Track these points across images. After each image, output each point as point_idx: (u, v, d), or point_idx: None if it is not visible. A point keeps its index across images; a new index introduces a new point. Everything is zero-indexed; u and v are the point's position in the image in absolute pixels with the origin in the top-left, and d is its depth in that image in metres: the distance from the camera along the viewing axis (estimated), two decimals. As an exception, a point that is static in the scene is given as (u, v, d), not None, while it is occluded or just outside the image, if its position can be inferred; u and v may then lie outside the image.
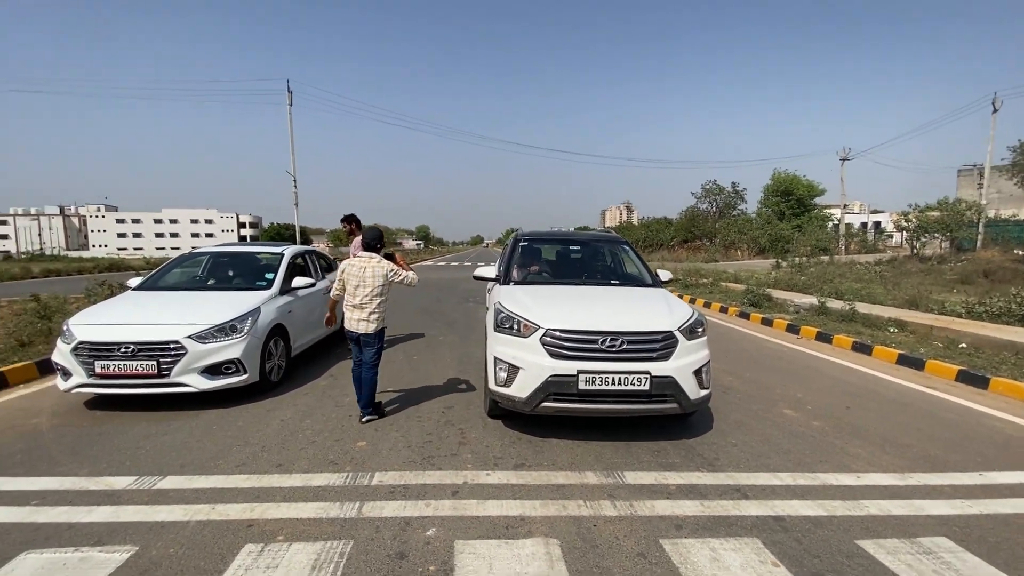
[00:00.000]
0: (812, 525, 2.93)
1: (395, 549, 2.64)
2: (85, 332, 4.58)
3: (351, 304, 4.39)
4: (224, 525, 2.85)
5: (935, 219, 27.72)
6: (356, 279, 4.36)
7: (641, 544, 2.71)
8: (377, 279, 4.35)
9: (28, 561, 2.54)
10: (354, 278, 4.37)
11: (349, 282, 4.39)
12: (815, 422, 4.62)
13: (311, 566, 2.49)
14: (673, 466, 3.66)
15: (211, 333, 4.72)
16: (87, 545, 2.67)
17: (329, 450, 3.88)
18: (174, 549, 2.63)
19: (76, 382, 4.53)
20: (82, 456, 3.76)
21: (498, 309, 4.28)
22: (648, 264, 5.47)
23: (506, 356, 3.99)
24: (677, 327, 3.95)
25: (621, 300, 4.51)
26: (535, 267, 5.48)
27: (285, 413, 4.69)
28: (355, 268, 4.39)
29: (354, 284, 4.37)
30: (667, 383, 3.78)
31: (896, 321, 8.81)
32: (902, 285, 13.82)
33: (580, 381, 3.72)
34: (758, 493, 3.29)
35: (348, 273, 4.40)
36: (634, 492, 3.26)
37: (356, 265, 4.40)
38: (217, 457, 3.74)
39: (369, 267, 4.37)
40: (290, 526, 2.84)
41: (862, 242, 39.29)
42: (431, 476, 3.46)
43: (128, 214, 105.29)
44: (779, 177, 45.16)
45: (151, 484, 3.32)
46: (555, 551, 2.63)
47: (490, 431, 4.27)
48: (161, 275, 6.08)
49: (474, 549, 2.63)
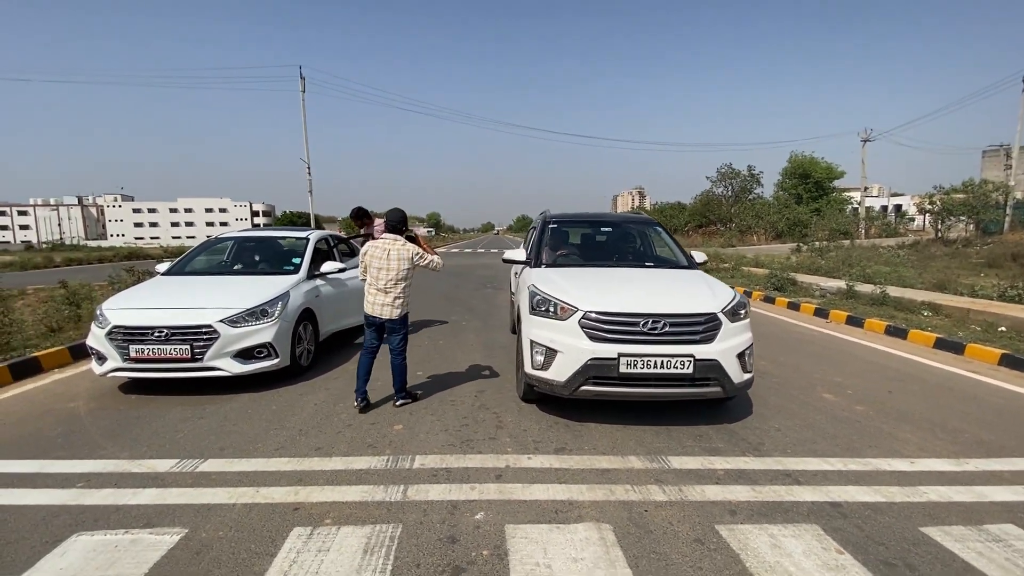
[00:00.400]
0: (871, 511, 2.83)
1: (445, 533, 2.59)
2: (119, 316, 4.58)
3: (375, 288, 4.24)
4: (270, 508, 2.83)
5: (960, 201, 26.97)
6: (379, 262, 4.20)
7: (696, 530, 2.64)
8: (402, 263, 4.19)
9: (79, 543, 2.53)
10: (377, 260, 4.21)
11: (372, 265, 4.22)
12: (858, 407, 4.49)
13: (363, 550, 2.45)
14: (718, 451, 3.57)
15: (243, 317, 4.70)
16: (136, 527, 2.66)
17: (366, 434, 3.85)
18: (223, 532, 2.61)
19: (111, 366, 4.55)
20: (122, 439, 3.77)
21: (533, 292, 4.19)
22: (682, 246, 5.33)
23: (543, 339, 3.91)
24: (720, 309, 3.83)
25: (660, 282, 4.39)
26: (565, 249, 5.37)
27: (318, 397, 4.68)
28: (378, 251, 4.23)
29: (377, 267, 4.20)
30: (711, 366, 3.67)
31: (930, 304, 8.57)
32: (928, 269, 13.47)
33: (621, 364, 3.63)
34: (810, 479, 3.19)
35: (371, 256, 4.24)
36: (681, 477, 3.18)
37: (379, 247, 4.23)
38: (255, 440, 3.73)
39: (394, 250, 4.21)
40: (336, 509, 2.81)
41: (884, 225, 38.43)
42: (472, 460, 3.41)
43: (144, 204, 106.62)
44: (796, 160, 44.20)
45: (193, 467, 3.32)
46: (608, 536, 2.56)
47: (526, 415, 4.21)
48: (188, 260, 6.07)
49: (526, 533, 2.58)
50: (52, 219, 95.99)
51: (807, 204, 40.59)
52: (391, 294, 4.22)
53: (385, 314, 4.24)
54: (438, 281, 14.20)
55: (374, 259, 4.23)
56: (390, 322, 4.28)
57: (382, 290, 4.22)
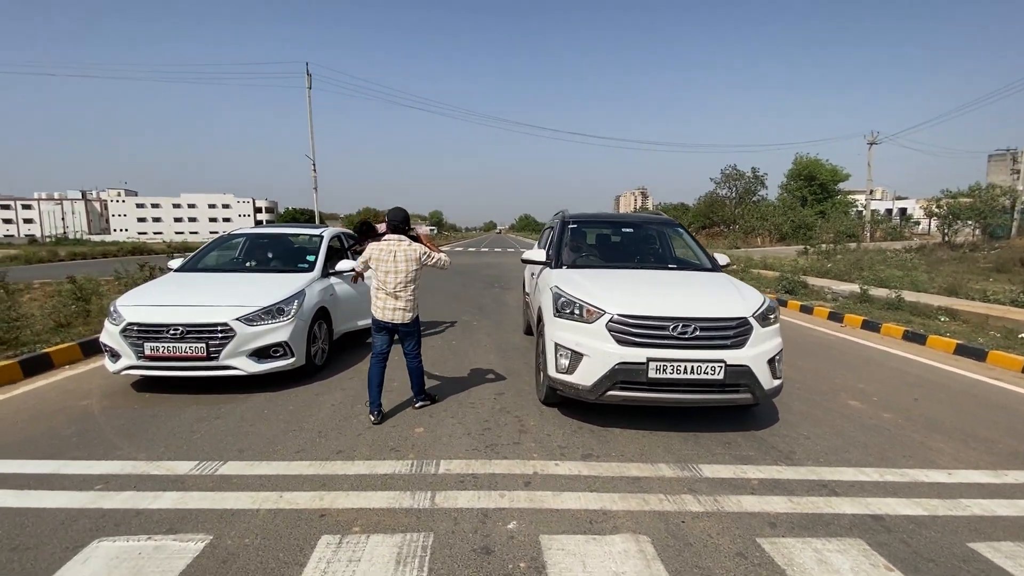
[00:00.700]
0: (915, 525, 2.74)
1: (479, 543, 2.51)
2: (134, 313, 4.50)
3: (384, 292, 4.03)
4: (296, 514, 2.75)
5: (967, 205, 26.82)
6: (386, 265, 3.99)
7: (737, 543, 2.55)
8: (410, 263, 4.00)
9: (101, 549, 2.45)
10: (384, 264, 4.00)
11: (379, 268, 4.02)
12: (885, 414, 4.40)
13: (395, 560, 2.37)
14: (749, 459, 3.48)
15: (259, 315, 4.62)
16: (159, 533, 2.58)
17: (387, 436, 3.77)
18: (249, 539, 2.53)
19: (125, 364, 4.47)
20: (138, 439, 3.69)
21: (557, 293, 4.10)
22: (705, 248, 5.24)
23: (568, 342, 3.82)
24: (751, 313, 3.74)
25: (687, 285, 4.30)
26: (586, 250, 5.28)
27: (334, 398, 4.60)
28: (383, 253, 4.01)
29: (384, 271, 4.00)
30: (742, 372, 3.59)
31: (946, 310, 8.47)
32: (938, 273, 13.37)
33: (650, 369, 3.54)
34: (847, 489, 3.10)
35: (376, 259, 4.04)
36: (715, 487, 3.10)
37: (384, 249, 4.02)
38: (274, 442, 3.65)
39: (400, 251, 4.01)
40: (364, 516, 2.72)
41: (890, 229, 38.26)
42: (498, 465, 3.32)
43: (148, 199, 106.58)
44: (801, 161, 44.06)
45: (213, 470, 3.23)
46: (648, 549, 2.48)
47: (548, 419, 4.12)
48: (201, 257, 5.99)
49: (562, 545, 2.49)
50: (56, 213, 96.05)
51: (812, 206, 40.43)
52: (402, 298, 4.04)
53: (397, 319, 4.06)
54: (446, 281, 14.11)
55: (381, 262, 4.02)
56: (403, 326, 4.12)
57: (392, 294, 4.02)
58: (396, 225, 4.12)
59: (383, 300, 4.06)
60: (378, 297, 4.09)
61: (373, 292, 4.14)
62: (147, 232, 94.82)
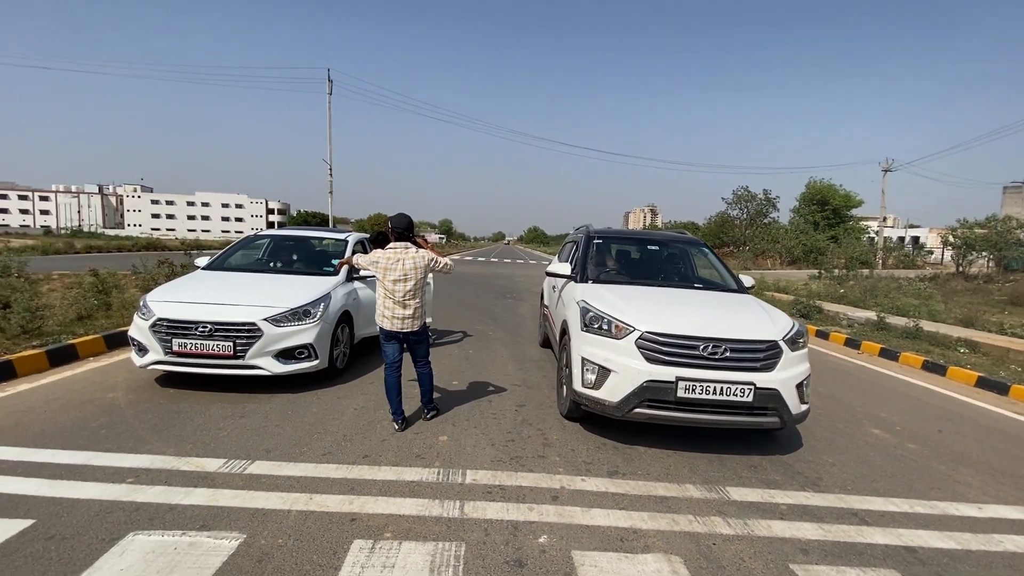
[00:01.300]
0: (949, 559, 2.71)
1: (511, 555, 2.51)
2: (164, 309, 4.56)
3: (392, 301, 3.94)
4: (326, 517, 2.76)
5: (982, 236, 26.64)
6: (394, 274, 3.91)
7: (771, 568, 2.53)
8: (419, 271, 3.95)
9: (137, 542, 2.47)
10: (392, 272, 3.92)
11: (387, 276, 3.93)
12: (910, 444, 4.36)
13: (428, 568, 2.37)
14: (776, 483, 3.45)
15: (286, 317, 4.66)
16: (192, 529, 2.59)
17: (412, 443, 3.78)
18: (282, 539, 2.54)
19: (153, 359, 4.51)
20: (166, 434, 3.72)
21: (585, 308, 4.12)
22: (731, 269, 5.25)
23: (596, 358, 3.83)
24: (781, 337, 3.74)
25: (716, 305, 4.30)
26: (611, 266, 5.30)
27: (357, 402, 4.62)
28: (390, 261, 3.94)
29: (392, 279, 3.91)
30: (771, 395, 3.58)
31: (966, 341, 8.39)
32: (953, 304, 13.26)
33: (679, 388, 3.54)
34: (877, 519, 3.07)
35: (383, 267, 3.95)
36: (744, 510, 3.08)
37: (392, 258, 3.94)
38: (300, 444, 3.67)
39: (408, 258, 3.94)
40: (394, 523, 2.73)
41: (903, 257, 38.02)
42: (524, 478, 3.32)
43: (163, 195, 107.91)
44: (815, 186, 44.01)
45: (241, 468, 3.25)
46: (681, 570, 2.46)
47: (571, 434, 4.12)
48: (228, 256, 6.07)
49: (595, 561, 2.48)
50: (72, 206, 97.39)
51: (824, 231, 40.30)
52: (410, 306, 3.97)
53: (407, 327, 4.00)
54: (458, 289, 14.16)
55: (388, 271, 3.93)
56: (413, 334, 4.06)
57: (400, 303, 3.95)
58: (400, 232, 4.07)
59: (391, 309, 3.98)
60: (385, 306, 4.00)
61: (379, 301, 4.05)
62: (160, 228, 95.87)
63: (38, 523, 2.60)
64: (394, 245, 4.04)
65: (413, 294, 3.98)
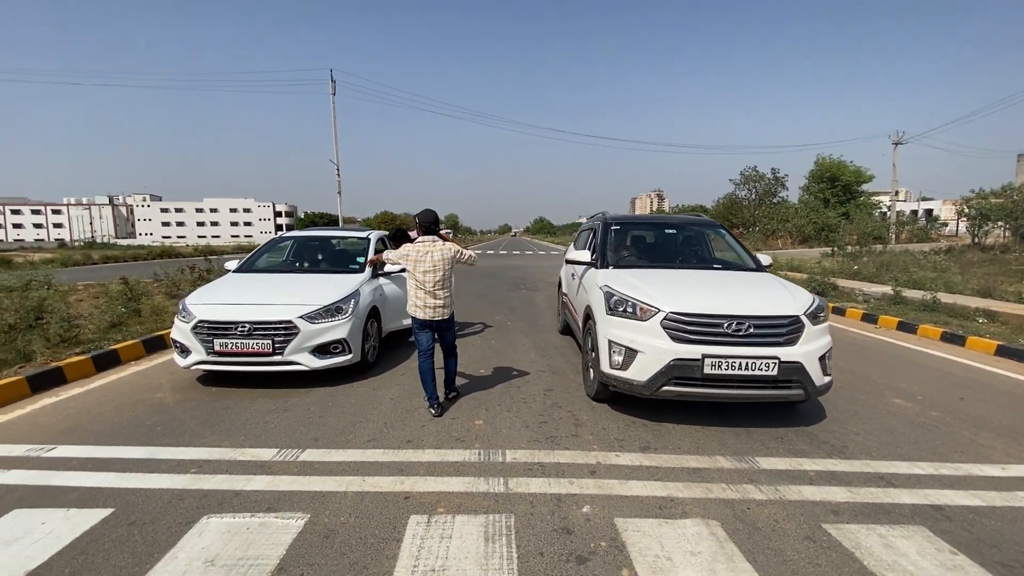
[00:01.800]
0: (975, 515, 2.84)
1: (558, 524, 2.68)
2: (204, 311, 4.76)
3: (424, 291, 4.21)
4: (381, 496, 2.94)
5: (997, 206, 26.28)
6: (424, 265, 4.17)
7: (804, 528, 2.68)
8: (446, 262, 4.22)
9: (212, 524, 2.67)
10: (422, 264, 4.18)
11: (417, 268, 4.19)
12: (932, 412, 4.46)
13: (483, 537, 2.54)
14: (803, 452, 3.59)
15: (320, 314, 4.86)
16: (260, 512, 2.79)
17: (450, 428, 3.96)
18: (344, 517, 2.73)
19: (195, 359, 4.73)
20: (217, 428, 3.93)
21: (609, 292, 4.26)
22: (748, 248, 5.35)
23: (622, 339, 3.97)
24: (803, 311, 3.85)
25: (736, 284, 4.42)
26: (630, 251, 5.42)
27: (391, 392, 4.81)
28: (420, 254, 4.19)
29: (423, 271, 4.17)
30: (795, 369, 3.70)
31: (984, 311, 8.41)
32: (970, 275, 13.20)
33: (705, 365, 3.68)
34: (904, 482, 3.20)
35: (414, 260, 4.21)
36: (774, 478, 3.22)
37: (421, 251, 4.21)
38: (345, 432, 3.86)
39: (436, 251, 4.21)
40: (445, 499, 2.91)
41: (918, 231, 37.56)
42: (561, 455, 3.48)
43: (172, 203, 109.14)
44: (824, 163, 43.50)
45: (294, 456, 3.45)
46: (719, 532, 2.62)
47: (600, 414, 4.27)
48: (256, 258, 6.28)
49: (637, 527, 2.65)
50: (84, 218, 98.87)
51: (834, 208, 39.90)
52: (440, 296, 4.24)
53: (438, 316, 4.27)
54: (472, 282, 14.33)
55: (419, 263, 4.19)
56: (444, 322, 4.34)
57: (431, 293, 4.21)
58: (428, 226, 4.32)
59: (423, 299, 4.24)
60: (417, 296, 4.26)
61: (411, 292, 4.30)
62: (171, 236, 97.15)
63: (117, 511, 2.81)
64: (422, 239, 4.29)
65: (442, 284, 4.24)
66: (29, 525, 2.68)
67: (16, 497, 2.96)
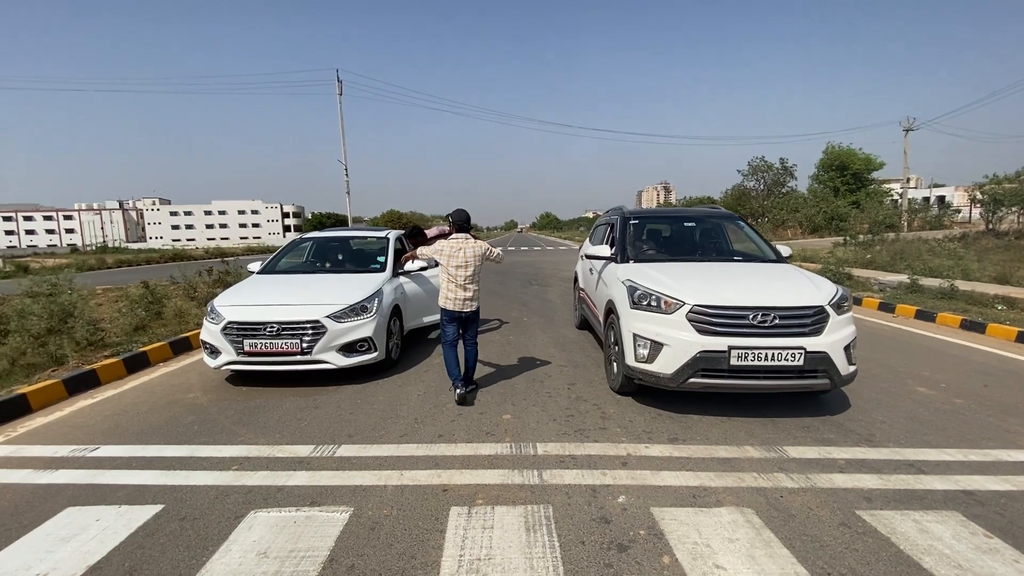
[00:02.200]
0: (1007, 499, 2.87)
1: (596, 514, 2.74)
2: (233, 313, 4.86)
3: (455, 285, 4.48)
4: (420, 489, 3.02)
5: (1011, 191, 25.93)
6: (457, 260, 4.46)
7: (838, 515, 2.72)
8: (477, 259, 4.51)
9: (259, 518, 2.76)
10: (455, 259, 4.46)
11: (450, 263, 4.47)
12: (957, 400, 4.47)
13: (524, 527, 2.61)
14: (831, 441, 3.62)
15: (346, 313, 4.94)
16: (304, 506, 2.88)
17: (479, 422, 4.03)
18: (387, 510, 2.81)
19: (226, 359, 4.83)
20: (252, 427, 4.03)
21: (632, 286, 4.30)
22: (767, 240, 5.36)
23: (648, 333, 4.02)
24: (827, 301, 3.88)
25: (759, 276, 4.44)
26: (650, 245, 5.46)
27: (418, 389, 4.89)
28: (454, 250, 4.48)
29: (455, 266, 4.45)
30: (820, 358, 3.73)
31: (1003, 298, 8.36)
32: (986, 261, 13.08)
33: (732, 357, 3.72)
34: (934, 468, 3.23)
35: (448, 255, 4.49)
36: (804, 466, 3.26)
37: (455, 247, 4.49)
38: (377, 428, 3.95)
39: (468, 247, 4.50)
40: (483, 491, 2.98)
41: (931, 218, 37.13)
42: (591, 448, 3.54)
43: (180, 207, 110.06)
44: (833, 151, 43.11)
45: (331, 452, 3.54)
46: (754, 519, 2.67)
47: (625, 407, 4.33)
48: (278, 259, 6.37)
49: (674, 516, 2.70)
50: (95, 223, 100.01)
51: (844, 197, 39.54)
52: (469, 289, 4.52)
53: (466, 308, 4.54)
54: (485, 279, 14.26)
55: (452, 258, 4.48)
56: (471, 314, 4.60)
57: (461, 286, 4.49)
58: (461, 224, 4.64)
59: (453, 292, 4.51)
60: (448, 290, 4.53)
61: (443, 285, 4.56)
62: (180, 239, 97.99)
63: (167, 507, 2.91)
64: (455, 236, 4.62)
65: (472, 279, 4.53)
66: (84, 522, 2.78)
67: (68, 496, 3.07)
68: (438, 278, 6.51)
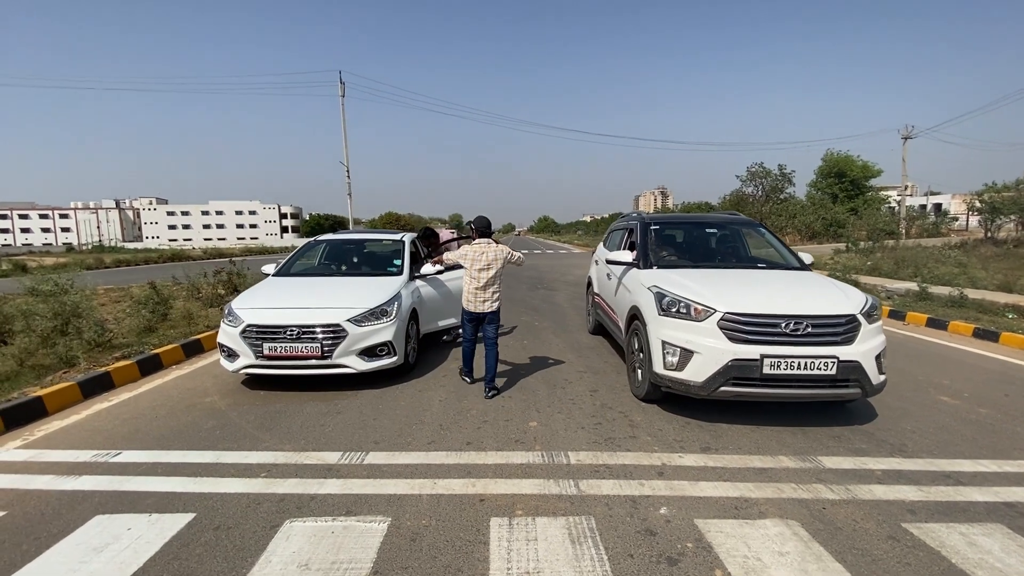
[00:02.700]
0: (1051, 513, 2.84)
1: (640, 526, 2.70)
2: (252, 316, 4.80)
3: (475, 287, 4.73)
4: (456, 499, 2.97)
5: (1009, 199, 26.14)
6: (480, 263, 4.72)
7: (884, 528, 2.69)
8: (499, 262, 4.77)
9: (296, 528, 2.70)
10: (478, 263, 4.72)
11: (473, 266, 4.73)
12: (981, 409, 4.46)
13: (569, 539, 2.57)
14: (864, 451, 3.60)
15: (366, 317, 4.89)
16: (340, 515, 2.82)
17: (506, 429, 3.98)
18: (426, 520, 2.76)
19: (244, 363, 4.77)
20: (275, 432, 3.97)
21: (660, 293, 4.27)
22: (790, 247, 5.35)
23: (677, 340, 3.99)
24: (859, 310, 3.86)
25: (788, 284, 4.42)
26: (671, 251, 5.44)
27: (439, 394, 4.83)
28: (477, 253, 4.75)
29: (478, 268, 4.72)
30: (853, 367, 3.71)
31: (1013, 307, 8.38)
32: (989, 269, 13.14)
33: (764, 366, 3.69)
34: (971, 480, 3.21)
35: (471, 259, 4.76)
36: (841, 477, 3.23)
37: (478, 251, 4.76)
38: (403, 435, 3.89)
39: (491, 252, 4.77)
40: (521, 501, 2.93)
41: (930, 226, 37.36)
42: (624, 457, 3.50)
43: (178, 206, 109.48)
44: (832, 158, 43.34)
45: (359, 459, 3.48)
46: (800, 532, 2.63)
47: (652, 415, 4.29)
48: (293, 262, 6.31)
49: (720, 528, 2.67)
50: (91, 222, 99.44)
51: (842, 203, 39.74)
52: (490, 290, 4.77)
53: (486, 308, 4.78)
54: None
55: (475, 261, 4.74)
56: (491, 314, 4.81)
57: (482, 288, 4.74)
58: (483, 230, 4.94)
59: (475, 294, 4.77)
60: (470, 291, 4.79)
61: (466, 287, 4.82)
62: (177, 239, 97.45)
63: (200, 516, 2.84)
64: (478, 241, 4.84)
65: (493, 281, 4.79)
66: (115, 531, 2.72)
67: (95, 503, 3.00)
68: (454, 282, 6.49)
